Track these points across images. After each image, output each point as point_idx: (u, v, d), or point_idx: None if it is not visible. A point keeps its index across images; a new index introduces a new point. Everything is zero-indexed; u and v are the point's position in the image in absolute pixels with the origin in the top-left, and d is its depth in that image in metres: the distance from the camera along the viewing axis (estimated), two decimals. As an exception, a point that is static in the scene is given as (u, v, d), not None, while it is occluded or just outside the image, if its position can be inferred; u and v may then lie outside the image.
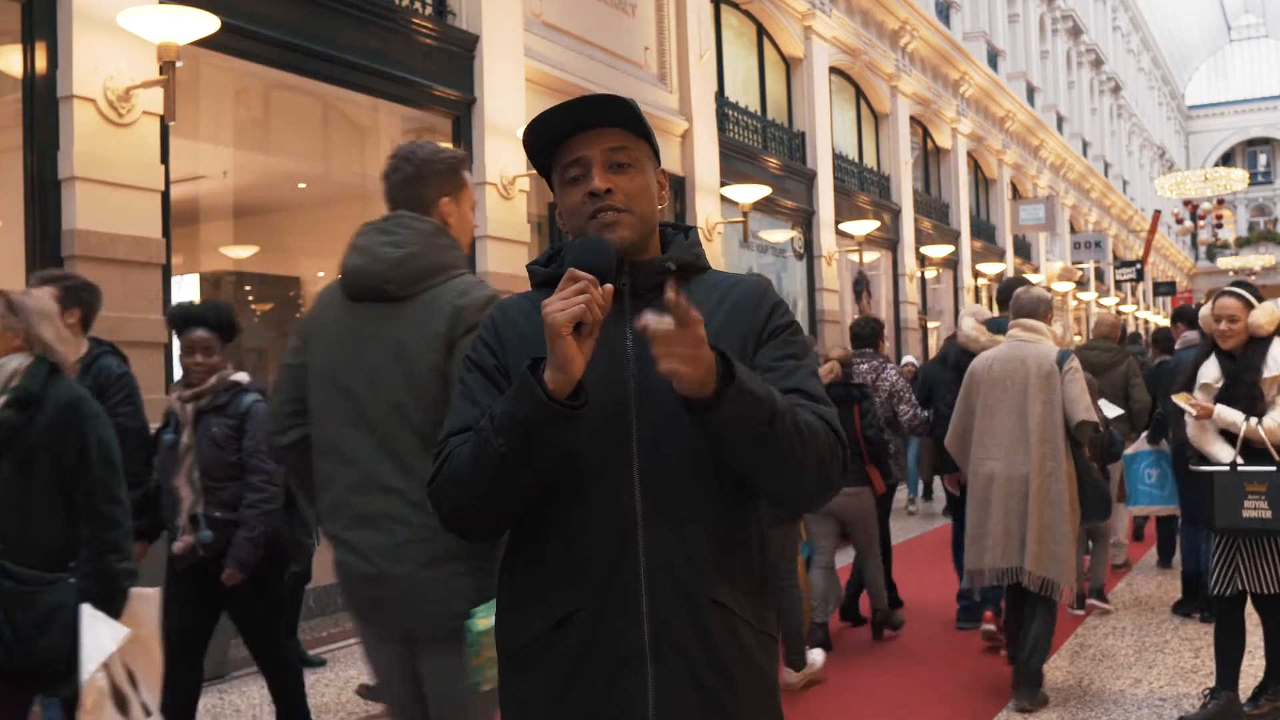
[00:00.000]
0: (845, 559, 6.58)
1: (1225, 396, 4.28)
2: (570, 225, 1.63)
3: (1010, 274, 21.94)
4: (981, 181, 22.21)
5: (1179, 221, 41.05)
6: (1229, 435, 4.25)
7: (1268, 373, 4.19)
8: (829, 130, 14.57)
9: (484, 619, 2.26)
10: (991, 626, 5.47)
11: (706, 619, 1.53)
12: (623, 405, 1.54)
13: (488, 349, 1.63)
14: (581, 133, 1.60)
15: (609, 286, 1.44)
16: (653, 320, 1.36)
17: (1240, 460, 4.16)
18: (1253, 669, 4.54)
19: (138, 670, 2.84)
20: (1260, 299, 4.33)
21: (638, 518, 1.52)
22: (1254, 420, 4.15)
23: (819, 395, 1.60)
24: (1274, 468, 4.10)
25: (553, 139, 1.62)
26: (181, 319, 3.85)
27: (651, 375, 1.52)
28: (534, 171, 8.78)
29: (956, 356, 5.56)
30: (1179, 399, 4.40)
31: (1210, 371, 4.37)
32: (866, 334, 6.52)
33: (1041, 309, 4.83)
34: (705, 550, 1.54)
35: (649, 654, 1.51)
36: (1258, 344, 4.26)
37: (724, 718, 1.55)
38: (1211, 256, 46.25)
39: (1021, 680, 4.56)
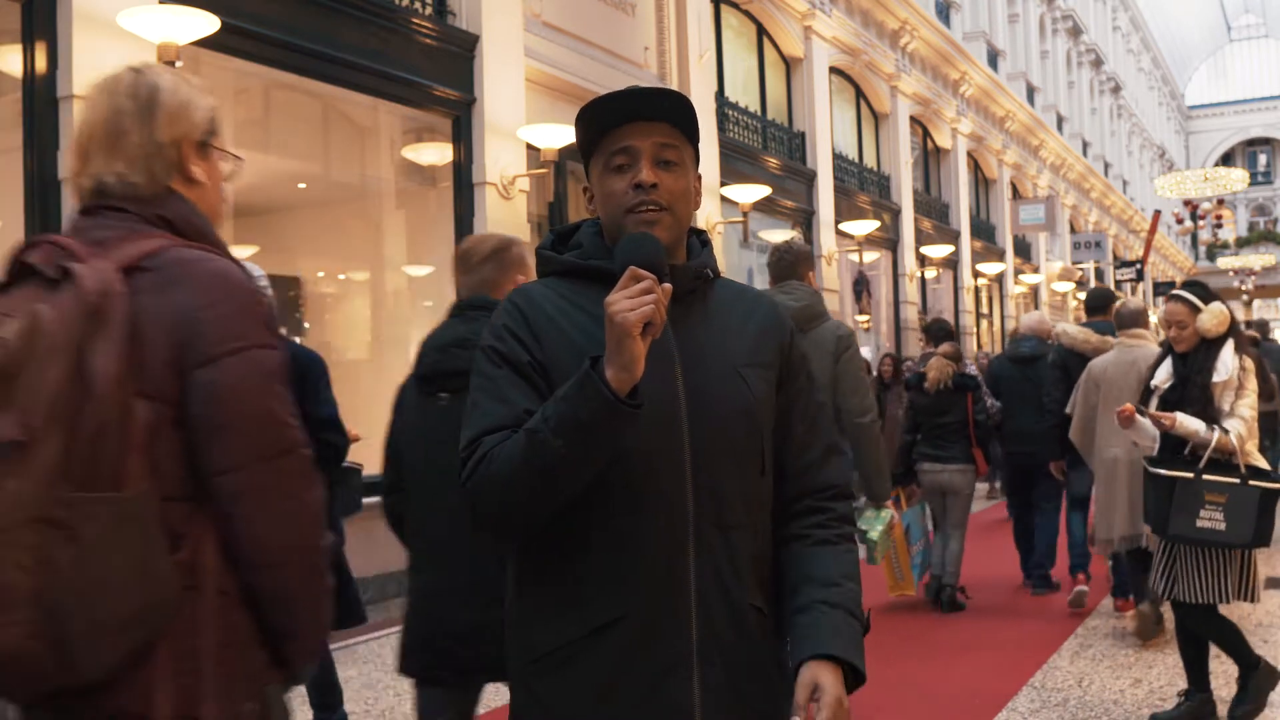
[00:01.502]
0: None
1: (1175, 399, 4.19)
2: (606, 213, 1.60)
3: (1010, 274, 21.96)
4: (981, 181, 22.21)
5: (1179, 221, 41.03)
6: (1169, 439, 4.15)
7: (1217, 377, 4.09)
8: (829, 130, 14.57)
9: (873, 529, 4.43)
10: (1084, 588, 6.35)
11: (749, 624, 1.54)
12: (673, 410, 1.52)
13: (518, 341, 1.55)
14: (635, 122, 1.58)
15: (668, 285, 1.41)
16: None
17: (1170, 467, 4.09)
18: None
19: None
20: (1210, 299, 4.20)
21: (690, 523, 1.51)
22: (1218, 430, 4.03)
23: (831, 439, 1.71)
24: (1237, 480, 3.97)
25: (607, 124, 1.59)
26: None
27: (697, 378, 1.54)
28: (534, 172, 8.73)
29: (1063, 357, 6.32)
30: (1139, 412, 4.30)
31: (1161, 374, 4.32)
32: (942, 333, 7.40)
33: (1142, 319, 5.76)
34: (748, 556, 1.55)
35: (696, 660, 1.50)
36: (1209, 346, 4.16)
37: None
38: (1211, 256, 46.24)
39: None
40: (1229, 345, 4.15)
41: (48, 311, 1.37)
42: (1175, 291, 4.30)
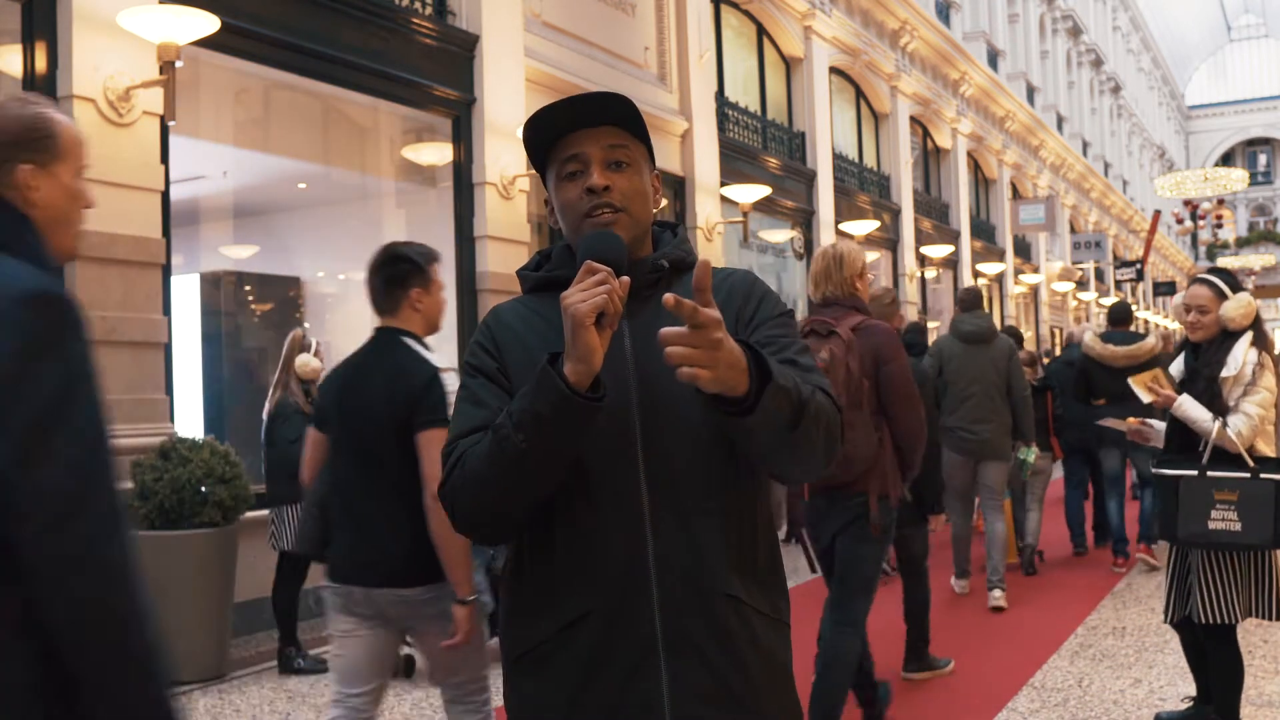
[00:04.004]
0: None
1: (1183, 391, 3.92)
2: (565, 222, 1.63)
3: (1010, 274, 21.95)
4: (981, 181, 22.20)
5: (1179, 221, 41.05)
6: (1181, 437, 3.90)
7: (1225, 371, 3.79)
8: (829, 130, 14.57)
9: (1027, 455, 6.82)
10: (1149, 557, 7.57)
11: (719, 612, 1.53)
12: (625, 404, 1.53)
13: (486, 353, 1.62)
14: (581, 129, 1.60)
15: (626, 278, 1.43)
16: (666, 331, 1.34)
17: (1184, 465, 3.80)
18: (1251, 669, 4.53)
19: None
20: (1237, 289, 3.92)
21: (645, 516, 1.52)
22: (1220, 422, 3.75)
23: (814, 368, 1.61)
24: (1247, 474, 3.66)
25: (552, 135, 1.61)
26: None
27: (651, 372, 1.54)
28: (534, 171, 8.79)
29: (1082, 362, 7.71)
30: (1136, 381, 4.10)
31: (1174, 368, 4.08)
32: (1012, 338, 8.37)
33: None
34: (714, 544, 1.54)
35: (663, 651, 1.51)
36: (1224, 338, 3.87)
37: (741, 710, 1.55)
38: (1211, 256, 46.23)
39: None
40: (1245, 339, 3.83)
41: (834, 347, 3.72)
42: (1201, 275, 4.02)
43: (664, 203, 2.06)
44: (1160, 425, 4.07)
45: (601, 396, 1.43)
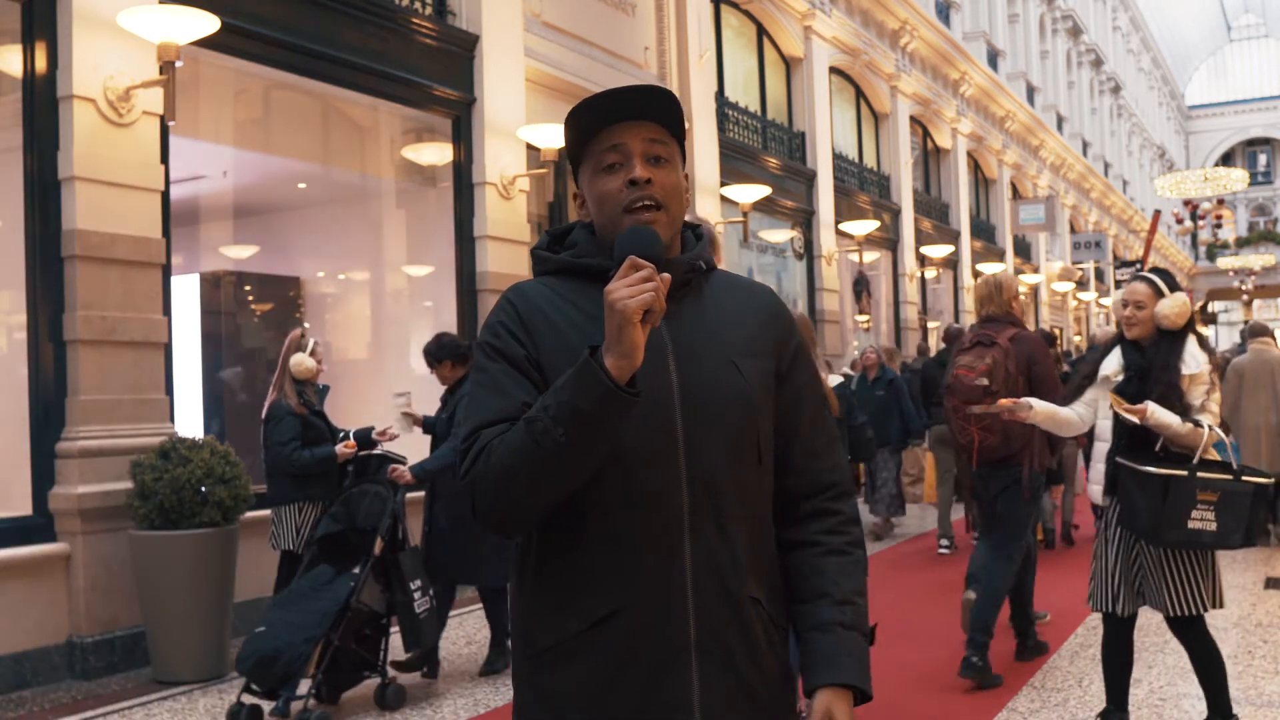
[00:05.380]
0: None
1: (1133, 392, 3.91)
2: (602, 214, 1.60)
3: (1010, 273, 21.95)
4: (981, 181, 22.21)
5: (1179, 221, 41.04)
6: (1123, 430, 3.91)
7: (1186, 370, 3.84)
8: (829, 130, 14.58)
9: None
10: None
11: (747, 616, 1.54)
12: (667, 403, 1.52)
13: (513, 337, 1.57)
14: (624, 122, 1.59)
15: (667, 275, 1.42)
16: None
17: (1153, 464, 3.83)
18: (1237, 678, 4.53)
19: None
20: (1175, 289, 3.98)
21: (685, 517, 1.52)
22: (1207, 427, 3.78)
23: (832, 432, 1.72)
24: (1230, 475, 3.74)
25: (595, 125, 1.60)
26: None
27: (692, 371, 1.54)
28: (534, 171, 8.74)
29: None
30: (1114, 406, 4.03)
31: (1111, 364, 4.06)
32: (1047, 340, 9.12)
33: (1268, 330, 8.90)
34: (745, 547, 1.55)
35: (694, 652, 1.51)
36: (1170, 338, 3.92)
37: (760, 712, 1.56)
38: (1211, 256, 46.25)
39: None
40: (1193, 339, 3.93)
41: (996, 354, 4.92)
42: (1143, 273, 4.06)
43: (689, 203, 1.98)
44: (1040, 404, 4.22)
45: (638, 392, 1.42)
